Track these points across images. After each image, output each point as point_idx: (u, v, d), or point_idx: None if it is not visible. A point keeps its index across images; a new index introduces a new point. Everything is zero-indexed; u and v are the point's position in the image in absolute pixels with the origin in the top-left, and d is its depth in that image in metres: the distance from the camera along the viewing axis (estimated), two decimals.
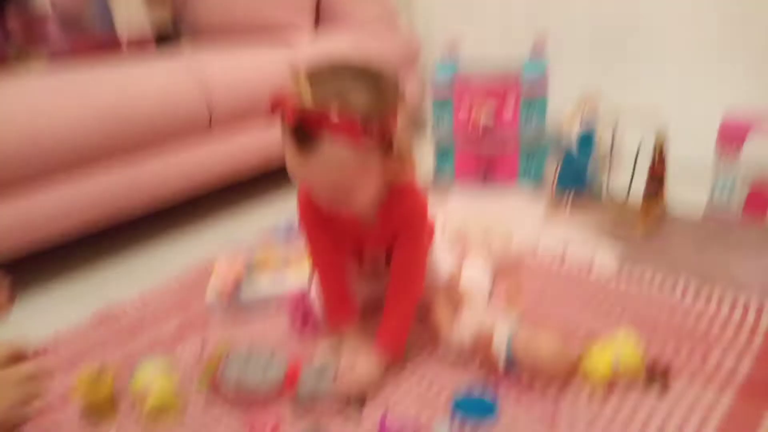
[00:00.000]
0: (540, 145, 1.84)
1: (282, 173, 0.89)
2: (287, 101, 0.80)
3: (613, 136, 1.57)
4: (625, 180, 1.61)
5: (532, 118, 1.80)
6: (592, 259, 1.40)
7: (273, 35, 2.04)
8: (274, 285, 1.26)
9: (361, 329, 1.07)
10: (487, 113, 1.84)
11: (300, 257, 1.32)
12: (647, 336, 1.07)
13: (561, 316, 1.19)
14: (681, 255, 1.40)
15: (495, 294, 1.27)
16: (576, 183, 1.63)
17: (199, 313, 1.27)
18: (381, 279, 1.11)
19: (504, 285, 1.28)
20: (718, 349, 1.04)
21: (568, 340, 1.03)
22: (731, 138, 1.52)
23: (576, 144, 1.57)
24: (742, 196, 1.54)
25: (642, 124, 1.50)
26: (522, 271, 1.35)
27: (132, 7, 1.98)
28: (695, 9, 1.85)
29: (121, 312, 1.30)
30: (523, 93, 1.79)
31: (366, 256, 1.10)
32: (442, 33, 2.39)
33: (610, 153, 1.60)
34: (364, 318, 1.09)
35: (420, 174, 1.04)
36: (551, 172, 1.80)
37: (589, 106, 1.62)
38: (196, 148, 1.68)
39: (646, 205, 1.50)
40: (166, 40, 2.14)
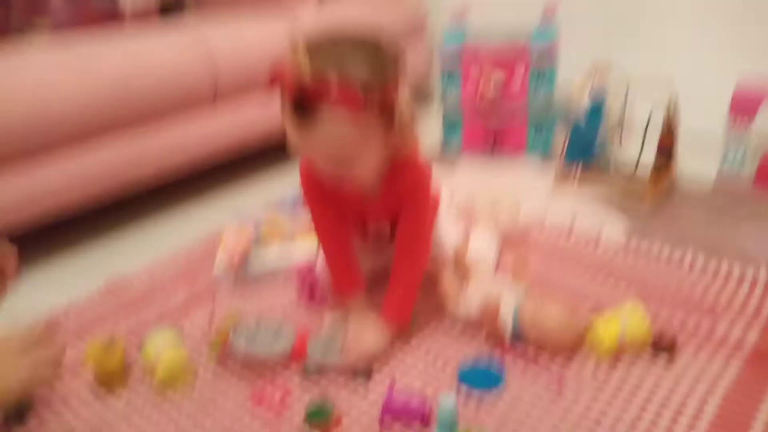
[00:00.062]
0: (549, 116, 1.82)
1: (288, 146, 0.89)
2: (286, 73, 0.79)
3: (623, 106, 1.54)
4: (635, 151, 1.59)
5: (541, 88, 1.78)
6: (599, 231, 1.39)
7: (278, 5, 2.01)
8: (281, 257, 1.27)
9: (368, 301, 1.07)
10: (496, 84, 1.81)
11: (307, 230, 1.32)
12: (654, 308, 1.07)
13: (568, 287, 1.18)
14: (689, 227, 1.39)
15: (501, 266, 1.27)
16: (585, 154, 1.61)
17: (207, 286, 1.27)
18: (386, 251, 1.11)
19: (511, 257, 1.28)
20: (725, 321, 1.04)
21: (575, 311, 1.03)
22: (743, 108, 1.49)
23: (585, 115, 1.55)
24: (752, 167, 1.52)
25: (652, 94, 1.47)
26: (529, 243, 1.35)
27: None
28: None
29: (129, 284, 1.30)
30: (533, 62, 1.76)
31: (370, 228, 1.09)
32: (449, 0, 2.34)
33: (619, 124, 1.57)
34: (370, 290, 1.09)
35: (425, 146, 1.03)
36: (560, 143, 1.78)
37: (599, 76, 1.59)
38: (201, 120, 1.67)
39: (655, 177, 1.49)
40: (170, 11, 2.11)
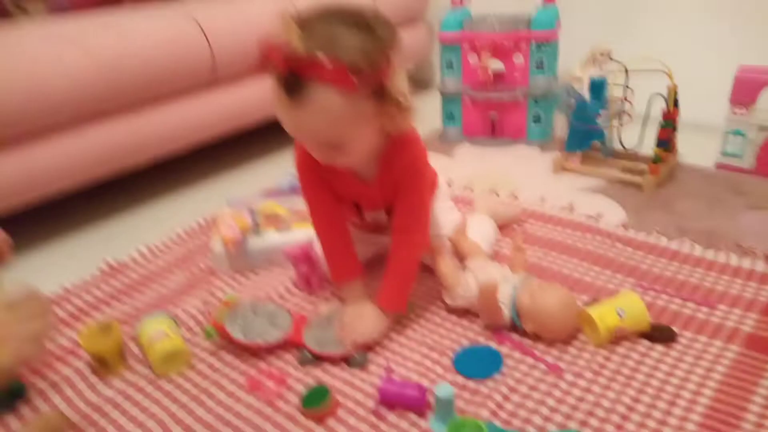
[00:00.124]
0: (548, 102, 1.81)
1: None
2: (277, 48, 0.78)
3: (625, 87, 1.53)
4: (634, 139, 1.58)
5: (540, 74, 1.77)
6: (600, 213, 1.38)
7: None
8: (280, 239, 1.26)
9: (364, 288, 1.06)
10: (495, 69, 1.80)
11: (304, 218, 1.31)
12: (652, 297, 1.07)
13: (567, 269, 1.18)
14: (690, 208, 1.39)
15: (500, 247, 1.26)
16: (584, 142, 1.60)
17: (205, 267, 1.27)
18: (383, 234, 1.10)
19: (509, 239, 1.28)
20: (724, 304, 1.04)
21: (573, 292, 1.03)
22: (745, 91, 1.48)
23: (587, 95, 1.54)
24: (754, 149, 1.51)
25: (652, 82, 1.46)
26: (526, 232, 1.34)
27: None
28: None
29: (127, 266, 1.30)
30: (533, 47, 1.74)
31: (367, 211, 1.08)
32: None
33: (621, 105, 1.56)
34: (368, 272, 1.09)
35: (425, 132, 1.02)
36: (559, 130, 1.77)
37: (601, 56, 1.58)
38: (199, 100, 1.65)
39: (654, 165, 1.48)
40: None
